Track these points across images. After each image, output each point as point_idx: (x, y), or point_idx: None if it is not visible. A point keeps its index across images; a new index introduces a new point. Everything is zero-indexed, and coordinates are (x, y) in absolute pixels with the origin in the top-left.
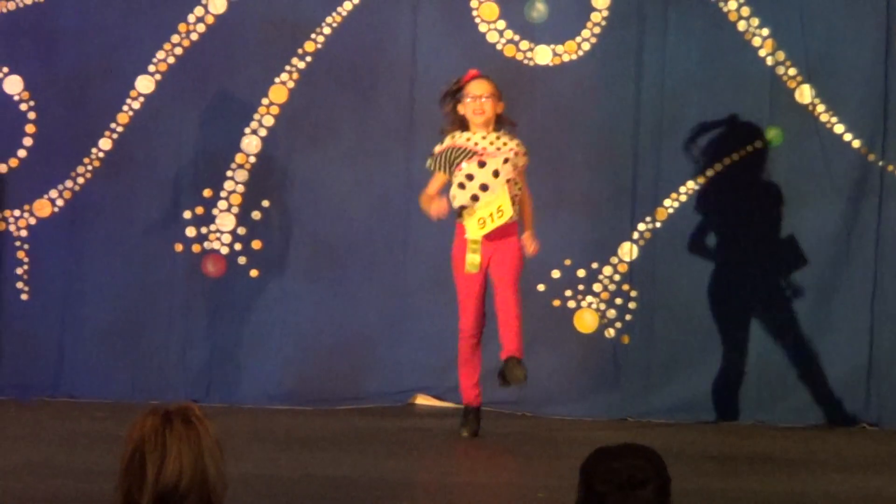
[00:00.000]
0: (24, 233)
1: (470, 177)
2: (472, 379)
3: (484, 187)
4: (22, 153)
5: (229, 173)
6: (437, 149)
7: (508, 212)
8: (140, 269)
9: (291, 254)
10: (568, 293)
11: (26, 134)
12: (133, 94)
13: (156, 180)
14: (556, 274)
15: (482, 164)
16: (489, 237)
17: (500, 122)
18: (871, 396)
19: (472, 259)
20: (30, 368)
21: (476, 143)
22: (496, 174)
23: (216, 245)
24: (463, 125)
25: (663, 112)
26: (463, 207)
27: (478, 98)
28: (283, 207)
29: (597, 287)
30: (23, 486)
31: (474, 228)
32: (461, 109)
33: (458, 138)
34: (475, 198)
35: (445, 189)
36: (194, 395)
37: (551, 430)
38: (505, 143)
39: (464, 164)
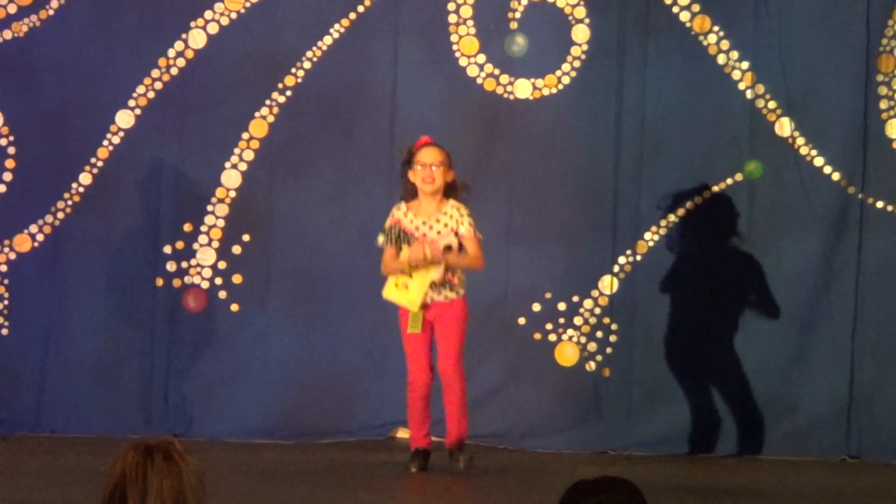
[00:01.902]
0: (3, 268)
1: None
2: (423, 430)
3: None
4: (1, 188)
5: (210, 207)
6: (387, 224)
7: (415, 306)
8: (121, 304)
9: (272, 288)
10: (549, 326)
11: (6, 168)
12: (113, 128)
13: (136, 215)
14: (536, 307)
15: None
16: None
17: (453, 189)
18: (851, 429)
19: (413, 320)
20: (10, 404)
21: (417, 228)
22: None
23: (197, 279)
24: (414, 193)
25: (643, 145)
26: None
27: (427, 166)
28: (264, 242)
29: (577, 320)
30: None
31: (390, 289)
32: (412, 177)
33: (405, 217)
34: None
35: None
36: (176, 430)
37: (532, 464)
38: (446, 225)
39: (405, 248)
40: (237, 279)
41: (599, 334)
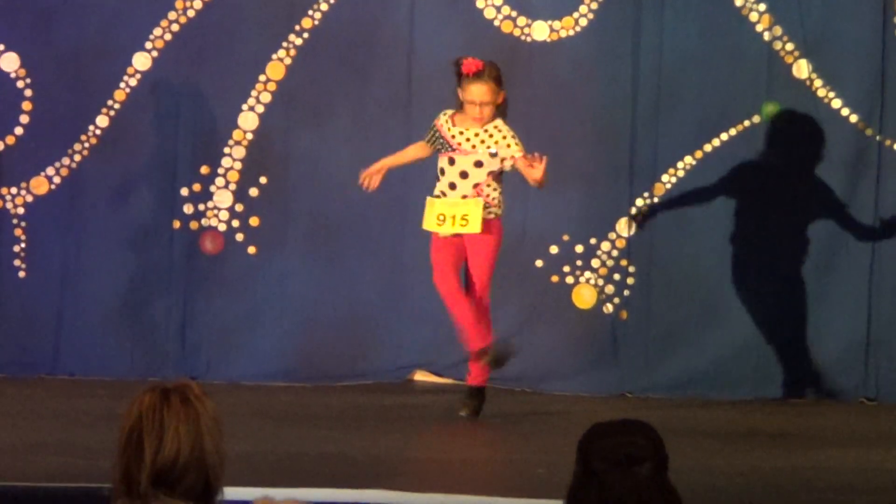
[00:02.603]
0: (20, 210)
1: (442, 171)
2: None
3: (452, 185)
4: (18, 130)
5: (227, 150)
6: (437, 122)
7: (476, 226)
8: (138, 246)
9: (289, 231)
10: (566, 269)
11: (23, 111)
12: (130, 70)
13: (153, 157)
14: (553, 249)
15: (451, 162)
16: None
17: (501, 109)
18: (869, 371)
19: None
20: (28, 346)
21: (453, 137)
22: (464, 175)
23: (214, 222)
24: (462, 107)
25: (660, 88)
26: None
27: (476, 104)
28: (281, 184)
29: (595, 263)
30: (22, 463)
31: (431, 221)
32: (461, 95)
33: (445, 125)
34: (444, 193)
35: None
36: (193, 373)
37: (550, 406)
38: (483, 142)
39: (441, 156)
40: (254, 222)
41: (617, 277)
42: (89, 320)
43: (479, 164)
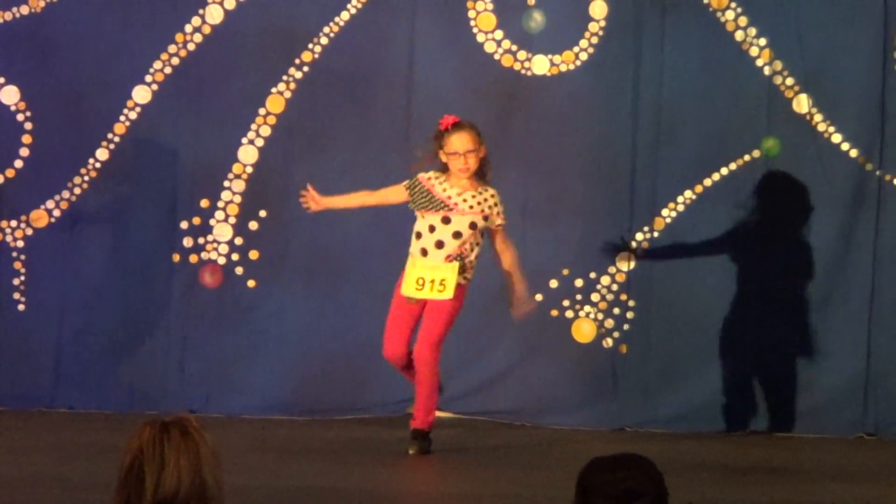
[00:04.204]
0: (20, 243)
1: (432, 228)
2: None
3: (439, 244)
4: (18, 163)
5: (226, 183)
6: (421, 176)
7: (449, 292)
8: (137, 280)
9: (288, 264)
10: (566, 303)
11: (23, 144)
12: (130, 104)
13: (153, 190)
14: (553, 283)
15: (446, 221)
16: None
17: (484, 166)
18: (868, 406)
19: (409, 288)
20: (27, 380)
21: (449, 197)
22: (457, 235)
23: (213, 255)
24: (445, 168)
25: (661, 122)
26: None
27: (461, 155)
28: (281, 218)
29: (594, 297)
30: (21, 497)
31: (410, 286)
32: (443, 157)
33: (437, 186)
34: (424, 252)
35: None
36: (192, 406)
37: (549, 441)
38: (479, 204)
39: (427, 214)
40: (254, 255)
41: (616, 311)
42: (88, 353)
43: (473, 225)
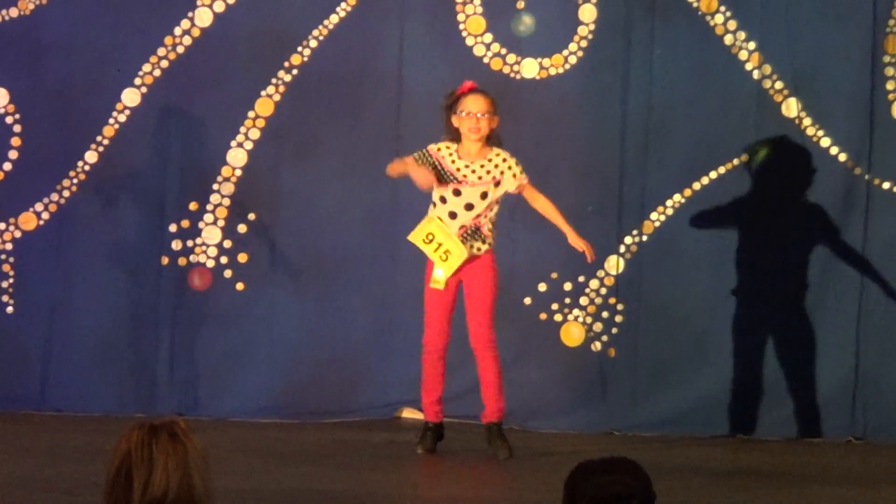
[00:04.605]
0: (9, 246)
1: (443, 199)
2: (433, 395)
3: (452, 215)
4: (7, 166)
5: (215, 186)
6: (431, 148)
7: (449, 270)
8: (126, 283)
9: (278, 267)
10: (554, 306)
11: (12, 147)
12: (119, 106)
13: (142, 193)
14: (542, 287)
15: (457, 193)
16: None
17: (495, 136)
18: (857, 410)
19: (436, 275)
20: (16, 382)
21: (458, 170)
22: (469, 207)
23: (202, 258)
24: (456, 137)
25: (649, 125)
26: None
27: (474, 115)
28: (270, 221)
29: (583, 300)
30: (9, 500)
31: (419, 235)
32: (455, 122)
33: (447, 158)
34: (439, 220)
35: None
36: (181, 409)
37: (537, 445)
38: (489, 172)
39: (438, 187)
40: (242, 258)
41: (605, 315)
42: (77, 356)
43: (484, 195)
